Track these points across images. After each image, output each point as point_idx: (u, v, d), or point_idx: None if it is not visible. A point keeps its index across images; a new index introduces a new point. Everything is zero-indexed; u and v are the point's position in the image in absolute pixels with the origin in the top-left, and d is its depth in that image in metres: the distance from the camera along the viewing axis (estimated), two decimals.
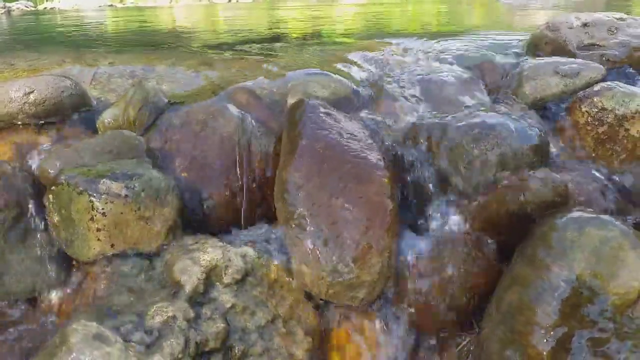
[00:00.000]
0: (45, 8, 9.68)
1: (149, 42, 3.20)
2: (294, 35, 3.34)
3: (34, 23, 5.28)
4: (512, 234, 1.38)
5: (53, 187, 1.38)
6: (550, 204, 1.36)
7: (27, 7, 9.53)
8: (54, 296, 1.34)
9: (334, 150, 1.52)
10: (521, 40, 2.47)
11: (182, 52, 2.67)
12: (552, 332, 1.10)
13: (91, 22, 4.90)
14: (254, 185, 1.60)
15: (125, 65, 2.13)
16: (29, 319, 1.30)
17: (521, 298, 1.17)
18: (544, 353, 1.10)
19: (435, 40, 2.56)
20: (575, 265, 1.15)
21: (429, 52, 2.33)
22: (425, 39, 2.60)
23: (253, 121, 1.74)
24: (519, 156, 1.48)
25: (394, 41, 2.59)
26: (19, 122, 1.60)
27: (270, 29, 3.91)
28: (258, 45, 2.72)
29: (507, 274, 1.29)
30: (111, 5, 10.18)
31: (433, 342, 1.39)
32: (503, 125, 1.52)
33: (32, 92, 1.60)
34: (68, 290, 1.35)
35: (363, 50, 2.42)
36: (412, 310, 1.39)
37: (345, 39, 2.83)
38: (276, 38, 3.13)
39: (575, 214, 1.26)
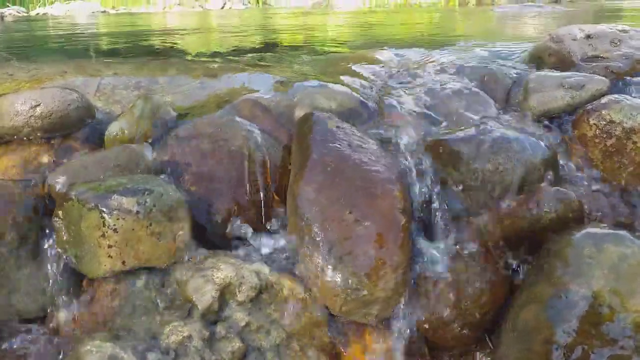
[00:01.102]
0: (38, 14, 9.62)
1: (148, 51, 3.18)
2: (294, 44, 3.34)
3: (28, 30, 5.24)
4: (526, 249, 1.38)
5: (62, 203, 1.36)
6: (563, 219, 1.36)
7: (19, 12, 9.47)
8: (64, 314, 1.32)
9: (345, 163, 1.52)
10: (523, 51, 2.48)
11: (184, 61, 2.66)
12: (571, 351, 1.10)
13: (87, 29, 4.87)
14: (264, 199, 1.58)
15: (128, 76, 2.11)
16: (39, 338, 1.27)
17: (538, 316, 1.17)
18: None
19: (435, 51, 2.56)
20: (594, 282, 1.15)
21: (431, 63, 2.33)
22: (424, 49, 2.61)
23: (261, 133, 1.73)
24: (532, 171, 1.48)
25: (393, 51, 2.59)
26: (25, 136, 1.58)
27: (270, 37, 3.91)
28: (261, 55, 2.71)
29: (523, 292, 1.29)
30: (104, 12, 10.13)
31: (448, 359, 1.38)
32: (515, 140, 1.52)
33: (39, 105, 1.58)
34: (78, 309, 1.33)
35: (364, 60, 2.42)
36: (427, 326, 1.38)
37: (345, 49, 2.84)
38: (278, 47, 3.13)
39: (592, 229, 1.26)
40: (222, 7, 11.19)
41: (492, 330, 1.39)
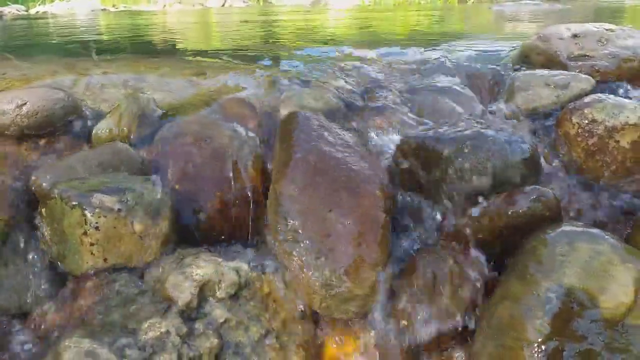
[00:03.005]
0: (38, 12, 9.63)
1: (142, 50, 3.19)
2: (287, 43, 3.35)
3: (26, 28, 5.26)
4: (504, 247, 1.39)
5: (46, 201, 1.37)
6: (540, 217, 1.37)
7: (18, 10, 9.49)
8: (47, 311, 1.34)
9: (327, 163, 1.53)
10: (512, 49, 2.49)
11: (176, 60, 2.68)
12: (542, 348, 1.11)
13: (84, 28, 4.89)
14: (248, 198, 1.60)
15: (118, 74, 2.13)
16: (22, 334, 1.29)
17: (511, 313, 1.18)
18: None
19: (424, 49, 2.58)
20: (566, 280, 1.16)
21: (420, 61, 2.34)
22: (416, 48, 2.62)
23: (247, 132, 1.74)
24: (511, 169, 1.49)
25: (383, 50, 2.61)
26: (11, 135, 1.60)
27: (264, 35, 3.92)
28: (251, 53, 2.73)
29: (498, 289, 1.30)
30: (104, 9, 10.15)
31: (427, 356, 1.40)
32: (495, 138, 1.53)
33: (25, 104, 1.60)
34: (61, 305, 1.34)
35: (353, 59, 2.43)
36: (406, 323, 1.40)
37: (335, 47, 2.84)
38: (269, 45, 3.14)
39: (566, 228, 1.27)
40: (223, 5, 11.20)
41: (470, 327, 1.40)
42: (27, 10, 9.65)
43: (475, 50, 2.55)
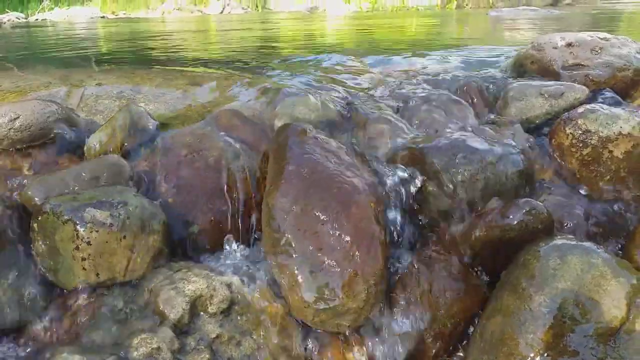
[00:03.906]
0: (37, 20, 9.66)
1: (138, 60, 3.20)
2: (283, 52, 3.36)
3: (24, 37, 5.27)
4: (497, 260, 1.39)
5: (38, 216, 1.37)
6: (533, 230, 1.37)
7: (18, 18, 9.51)
8: (40, 327, 1.33)
9: (320, 174, 1.53)
10: (507, 58, 2.50)
11: (171, 70, 2.67)
12: None
13: (80, 36, 4.90)
14: (241, 211, 1.59)
15: (112, 85, 2.13)
16: (13, 350, 1.28)
17: (504, 328, 1.18)
18: None
19: (419, 59, 2.58)
20: (558, 294, 1.16)
21: (413, 72, 2.35)
22: (408, 57, 2.63)
23: (240, 144, 1.74)
24: (504, 181, 1.50)
25: (379, 59, 2.61)
26: (4, 148, 1.59)
27: (261, 44, 3.93)
28: (246, 63, 2.73)
29: (491, 302, 1.30)
30: (103, 17, 10.18)
31: None
32: (488, 150, 1.53)
33: (18, 117, 1.60)
34: (52, 320, 1.34)
35: (350, 69, 2.43)
36: (399, 336, 1.39)
37: (332, 56, 2.84)
38: (266, 55, 3.14)
39: (558, 241, 1.27)
40: (222, 12, 11.24)
41: (465, 340, 1.39)
42: (26, 18, 9.68)
43: (470, 59, 2.56)
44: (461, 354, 1.37)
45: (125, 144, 1.68)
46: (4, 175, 1.54)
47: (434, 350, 1.40)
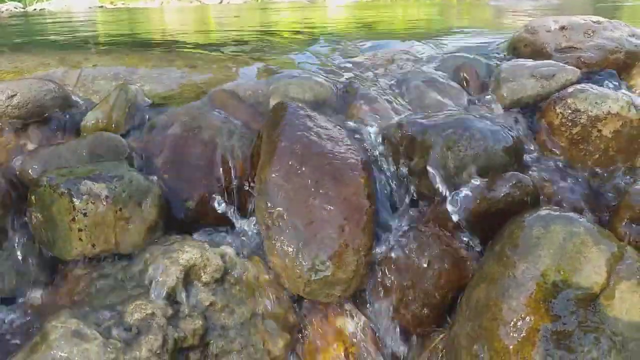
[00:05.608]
0: (35, 10, 9.65)
1: (136, 44, 3.22)
2: (281, 38, 3.38)
3: (22, 25, 5.28)
4: (484, 232, 1.42)
5: (35, 189, 1.40)
6: (520, 202, 1.40)
7: (16, 8, 9.51)
8: (37, 295, 1.37)
9: (312, 151, 1.56)
10: (502, 42, 2.51)
11: (168, 52, 2.69)
12: (517, 327, 1.14)
13: (79, 24, 4.91)
14: (235, 186, 1.62)
15: (109, 67, 2.16)
16: (10, 318, 1.32)
17: (488, 295, 1.21)
18: (510, 347, 1.14)
19: (415, 42, 2.60)
20: (541, 261, 1.19)
21: (410, 54, 2.37)
22: (408, 41, 2.64)
23: (235, 122, 1.77)
24: (492, 157, 1.52)
25: (377, 43, 2.63)
26: (2, 125, 1.62)
27: (258, 30, 3.94)
28: (244, 47, 2.75)
29: (477, 272, 1.33)
30: (101, 7, 10.17)
31: (408, 338, 1.43)
32: (477, 127, 1.56)
33: (15, 95, 1.62)
34: (50, 289, 1.37)
35: (346, 52, 2.45)
36: (389, 306, 1.42)
37: (329, 40, 2.86)
38: (263, 40, 3.16)
39: (543, 212, 1.30)
40: (220, 2, 11.21)
41: (453, 310, 1.43)
42: (24, 8, 9.67)
43: (466, 43, 2.57)
44: (448, 323, 1.41)
45: (121, 121, 1.71)
46: (2, 151, 1.57)
47: (423, 321, 1.44)
